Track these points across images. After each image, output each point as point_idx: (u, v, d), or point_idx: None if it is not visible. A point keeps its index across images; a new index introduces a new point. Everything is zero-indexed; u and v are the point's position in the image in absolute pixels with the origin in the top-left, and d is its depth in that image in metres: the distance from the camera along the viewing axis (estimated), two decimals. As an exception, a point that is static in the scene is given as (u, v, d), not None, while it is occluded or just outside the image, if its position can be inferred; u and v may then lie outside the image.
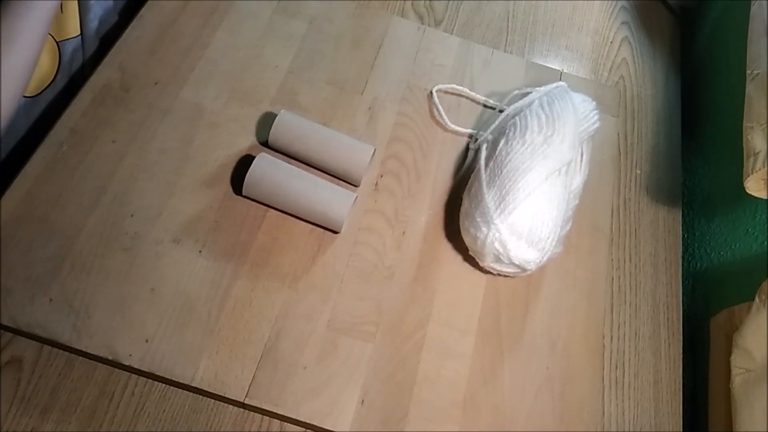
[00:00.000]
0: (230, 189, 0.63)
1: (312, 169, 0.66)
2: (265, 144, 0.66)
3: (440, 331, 0.60)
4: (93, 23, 0.70)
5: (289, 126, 0.65)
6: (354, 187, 0.66)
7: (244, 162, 0.65)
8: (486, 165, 0.63)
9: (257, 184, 0.61)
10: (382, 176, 0.67)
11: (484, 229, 0.59)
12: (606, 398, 0.60)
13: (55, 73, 0.66)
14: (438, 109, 0.72)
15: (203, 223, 0.61)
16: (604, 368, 0.62)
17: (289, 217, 0.63)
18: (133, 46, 0.70)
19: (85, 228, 0.59)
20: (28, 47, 0.55)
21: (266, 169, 0.61)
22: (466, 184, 0.66)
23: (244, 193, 0.62)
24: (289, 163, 0.64)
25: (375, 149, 0.66)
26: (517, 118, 0.65)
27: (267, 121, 0.68)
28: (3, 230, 0.58)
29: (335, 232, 0.62)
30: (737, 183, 0.58)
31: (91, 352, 0.54)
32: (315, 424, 0.54)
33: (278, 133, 0.64)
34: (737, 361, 0.56)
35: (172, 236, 0.60)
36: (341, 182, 0.66)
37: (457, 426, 0.56)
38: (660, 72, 0.84)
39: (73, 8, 0.67)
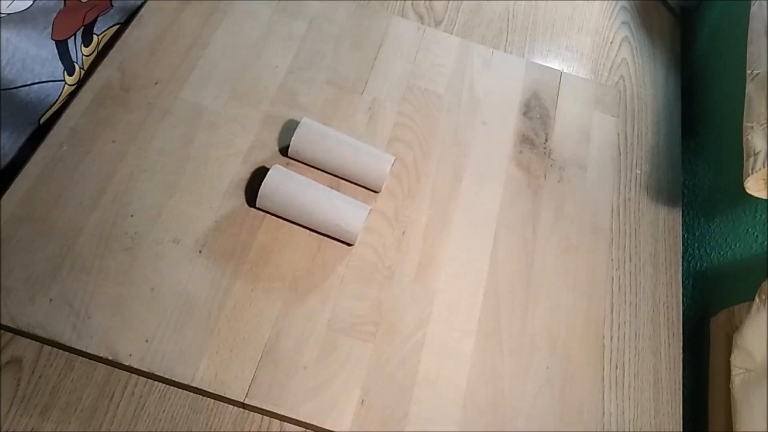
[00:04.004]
0: (230, 188, 0.63)
1: (328, 175, 0.66)
2: (283, 150, 0.66)
3: (440, 331, 0.60)
4: None
5: (310, 135, 0.65)
6: (368, 198, 0.66)
7: (258, 173, 0.65)
8: None
9: (271, 196, 0.61)
10: (382, 176, 0.67)
11: None
12: (606, 398, 0.61)
13: None
14: None
15: (203, 223, 0.61)
16: (604, 368, 0.62)
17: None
18: (133, 46, 0.70)
19: (85, 228, 0.59)
20: None
21: (280, 181, 0.61)
22: (466, 183, 0.66)
23: (258, 205, 0.62)
24: (308, 166, 0.65)
25: (395, 159, 0.66)
26: None
27: (272, 126, 0.68)
28: (3, 230, 0.58)
29: (349, 245, 0.62)
30: (737, 183, 0.58)
31: (91, 352, 0.54)
32: (315, 424, 0.54)
33: (299, 142, 0.64)
34: (737, 361, 0.56)
35: (172, 236, 0.60)
36: (360, 188, 0.66)
37: (457, 426, 0.56)
38: (660, 72, 0.84)
39: None
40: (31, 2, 0.57)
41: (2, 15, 0.54)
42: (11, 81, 0.60)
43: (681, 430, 0.61)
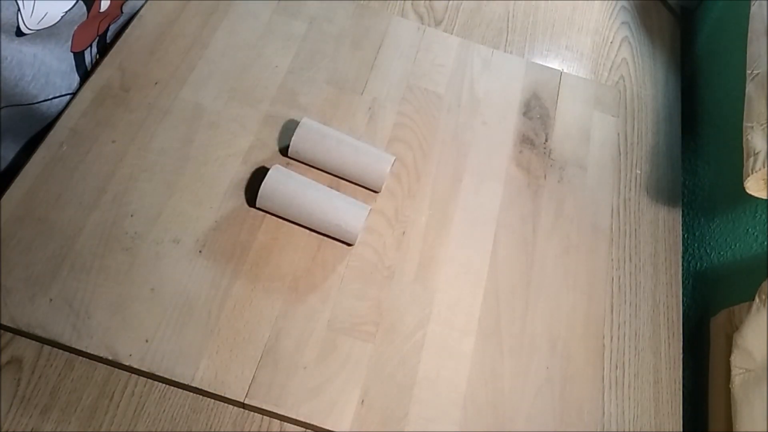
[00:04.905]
0: (230, 188, 0.63)
1: (328, 175, 0.66)
2: (283, 150, 0.66)
3: (440, 331, 0.60)
4: None
5: (310, 135, 0.65)
6: (368, 198, 0.66)
7: (258, 173, 0.65)
8: None
9: (271, 196, 0.61)
10: (382, 176, 0.67)
11: None
12: (606, 398, 0.61)
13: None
14: None
15: (203, 223, 0.61)
16: (604, 368, 0.62)
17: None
18: (133, 46, 0.70)
19: (85, 228, 0.59)
20: None
21: (280, 181, 0.61)
22: (466, 183, 0.66)
23: (258, 205, 0.61)
24: (308, 166, 0.65)
25: (395, 159, 0.66)
26: None
27: (272, 126, 0.68)
28: (3, 230, 0.58)
29: (349, 245, 0.62)
30: (737, 183, 0.58)
31: (91, 352, 0.54)
32: (315, 424, 0.54)
33: (299, 142, 0.64)
34: (737, 361, 0.56)
35: (172, 236, 0.60)
36: (360, 188, 0.66)
37: (457, 426, 0.56)
38: (660, 72, 0.84)
39: None
40: (60, 18, 0.57)
41: (31, 31, 0.55)
42: (34, 96, 0.61)
43: (681, 430, 0.61)
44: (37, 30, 0.56)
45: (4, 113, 0.60)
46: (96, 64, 0.69)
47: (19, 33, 0.54)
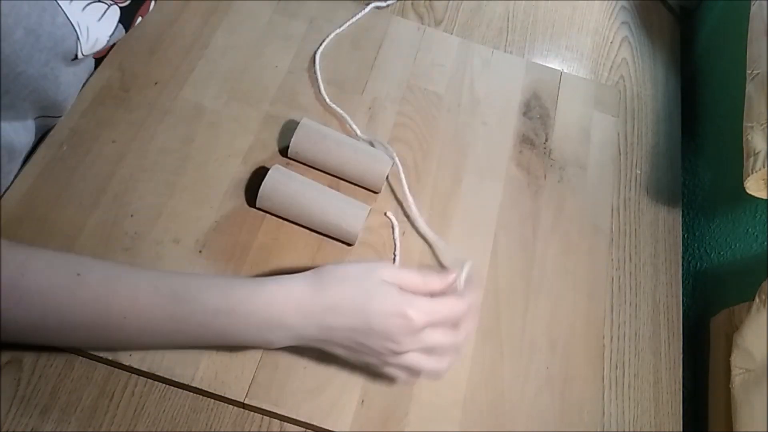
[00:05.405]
0: (230, 188, 0.63)
1: (328, 175, 0.66)
2: (283, 150, 0.66)
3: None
4: None
5: (310, 135, 0.65)
6: (368, 198, 0.66)
7: (258, 173, 0.64)
8: None
9: (271, 196, 0.61)
10: (382, 176, 0.67)
11: None
12: (606, 398, 0.61)
13: None
14: (318, 81, 0.72)
15: (203, 223, 0.61)
16: (604, 368, 0.62)
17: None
18: (133, 46, 0.70)
19: (85, 228, 0.59)
20: None
21: (280, 181, 0.61)
22: (466, 183, 0.66)
23: (258, 205, 0.61)
24: (308, 166, 0.65)
25: (394, 162, 0.66)
26: None
27: (272, 126, 0.68)
28: (3, 230, 0.58)
29: (349, 245, 0.62)
30: (737, 183, 0.58)
31: (91, 352, 0.54)
32: (315, 424, 0.54)
33: (299, 142, 0.64)
34: (737, 361, 0.56)
35: (172, 236, 0.60)
36: (359, 188, 0.66)
37: (457, 426, 0.56)
38: (660, 72, 0.84)
39: None
40: (107, 42, 0.60)
41: (84, 56, 0.58)
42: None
43: (681, 430, 0.61)
44: (88, 55, 0.59)
45: (39, 122, 0.62)
46: (96, 64, 0.69)
47: (74, 58, 0.57)
